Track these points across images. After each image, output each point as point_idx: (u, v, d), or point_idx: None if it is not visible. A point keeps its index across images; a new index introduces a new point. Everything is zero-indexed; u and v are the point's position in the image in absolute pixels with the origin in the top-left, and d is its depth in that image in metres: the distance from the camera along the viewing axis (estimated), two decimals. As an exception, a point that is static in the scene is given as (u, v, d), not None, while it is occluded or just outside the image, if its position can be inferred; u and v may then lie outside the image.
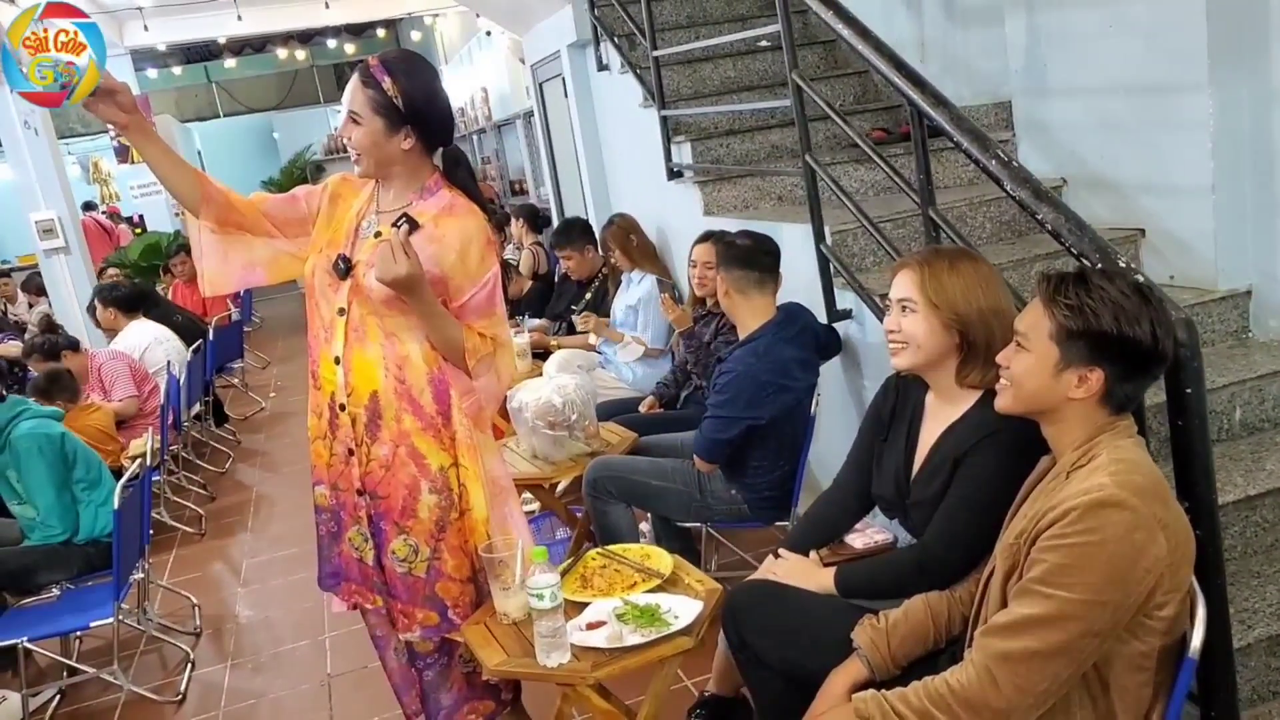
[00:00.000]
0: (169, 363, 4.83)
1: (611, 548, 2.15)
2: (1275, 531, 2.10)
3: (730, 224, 3.31)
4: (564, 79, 4.94)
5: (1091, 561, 1.21)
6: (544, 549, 1.77)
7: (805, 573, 1.85)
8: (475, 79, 10.58)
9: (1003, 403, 1.45)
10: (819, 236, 2.78)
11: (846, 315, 2.81)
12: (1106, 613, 1.22)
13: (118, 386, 4.44)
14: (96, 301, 5.28)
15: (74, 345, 4.56)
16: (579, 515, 3.01)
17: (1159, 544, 1.22)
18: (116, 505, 2.74)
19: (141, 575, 3.10)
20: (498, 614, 1.96)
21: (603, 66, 4.54)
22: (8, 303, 7.82)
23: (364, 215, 1.93)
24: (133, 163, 11.04)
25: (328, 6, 8.99)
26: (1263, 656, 1.84)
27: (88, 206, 11.39)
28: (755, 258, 2.53)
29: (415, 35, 13.63)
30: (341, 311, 1.88)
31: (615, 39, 4.24)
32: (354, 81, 1.83)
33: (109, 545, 2.90)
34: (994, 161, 1.92)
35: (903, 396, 1.82)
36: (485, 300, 1.92)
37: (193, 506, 4.45)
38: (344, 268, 1.86)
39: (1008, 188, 1.88)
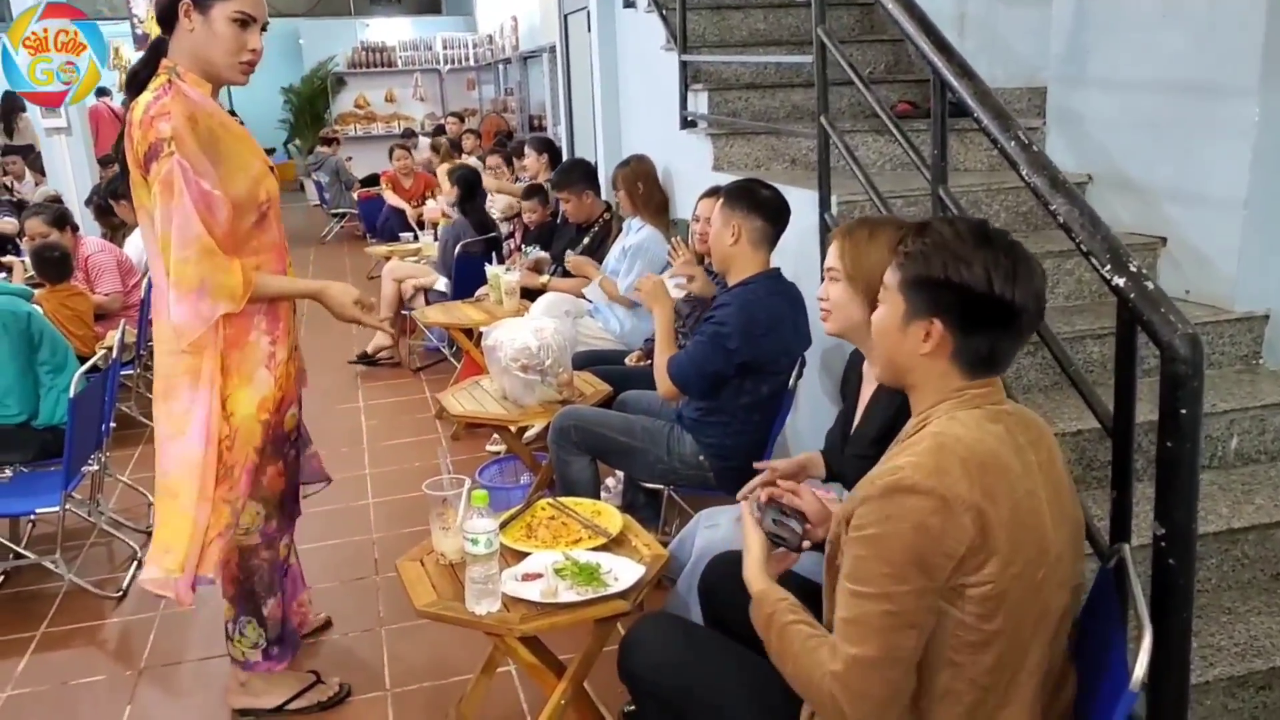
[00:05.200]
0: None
1: (563, 500, 2.07)
2: (1254, 568, 2.01)
3: (738, 182, 3.17)
4: (589, 12, 4.75)
5: (888, 550, 1.16)
6: (485, 493, 1.68)
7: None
8: (506, 7, 10.29)
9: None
10: (824, 204, 2.65)
11: (843, 290, 2.69)
12: (911, 599, 1.16)
13: (104, 280, 4.33)
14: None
15: (75, 227, 4.44)
16: (544, 463, 2.94)
17: (960, 526, 1.15)
18: (73, 394, 2.66)
19: (96, 468, 3.04)
20: (435, 552, 1.89)
21: (629, 3, 4.35)
22: (16, 180, 7.69)
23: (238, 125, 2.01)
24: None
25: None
26: (1220, 697, 1.76)
27: (102, 92, 11.14)
28: (781, 216, 2.43)
29: (452, -47, 13.24)
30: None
31: (645, -26, 4.06)
32: None
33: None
34: (1013, 143, 1.78)
35: (854, 362, 1.88)
36: None
37: (165, 405, 4.37)
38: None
39: (1023, 173, 1.75)
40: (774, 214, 2.41)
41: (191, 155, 1.82)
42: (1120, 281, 1.52)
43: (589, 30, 4.79)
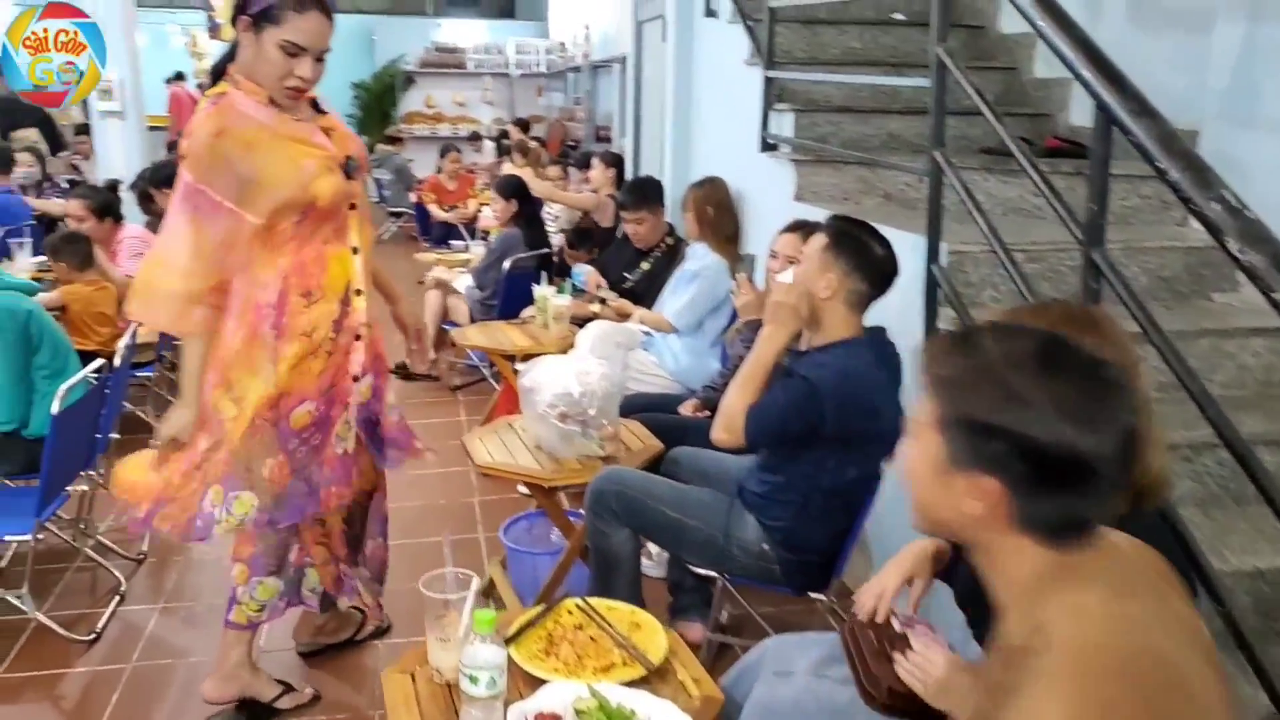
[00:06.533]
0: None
1: (594, 602, 1.69)
2: None
3: (822, 215, 2.77)
4: (665, 20, 4.40)
5: None
6: (493, 616, 1.31)
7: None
8: (580, 14, 10.04)
9: (912, 520, 1.04)
10: (933, 253, 2.24)
11: (945, 356, 2.27)
12: None
13: (130, 262, 4.10)
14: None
15: (119, 217, 4.22)
16: (578, 523, 2.56)
17: None
18: (57, 408, 2.36)
19: (86, 488, 2.75)
20: (430, 665, 1.53)
21: (710, 12, 4.01)
22: (83, 159, 7.64)
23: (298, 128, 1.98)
24: (223, 39, 10.86)
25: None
26: None
27: (179, 77, 11.27)
28: (888, 282, 2.02)
29: (531, -42, 13.09)
30: (352, 206, 2.04)
31: (731, -19, 3.69)
32: (324, 21, 1.90)
33: (59, 445, 2.55)
34: (1217, 205, 1.36)
35: None
36: None
37: (185, 410, 4.10)
38: (353, 165, 2.02)
39: (1232, 247, 1.33)
40: (882, 280, 2.00)
41: (205, 174, 1.86)
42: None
43: (664, 39, 4.44)
